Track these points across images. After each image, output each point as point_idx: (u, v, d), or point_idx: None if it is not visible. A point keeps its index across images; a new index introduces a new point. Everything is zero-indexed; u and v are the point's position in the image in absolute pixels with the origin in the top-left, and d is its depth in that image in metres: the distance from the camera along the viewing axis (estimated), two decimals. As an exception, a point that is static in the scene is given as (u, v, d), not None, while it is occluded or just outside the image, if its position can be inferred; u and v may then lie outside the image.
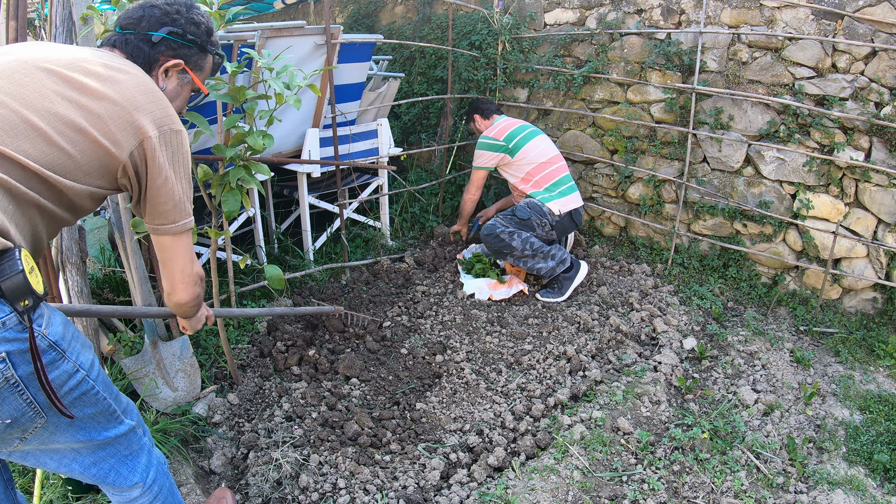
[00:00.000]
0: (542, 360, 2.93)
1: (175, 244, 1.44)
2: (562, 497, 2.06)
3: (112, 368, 2.53)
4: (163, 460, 1.60)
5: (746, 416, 2.55)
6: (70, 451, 1.36)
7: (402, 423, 2.49)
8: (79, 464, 1.39)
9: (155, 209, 1.40)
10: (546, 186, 3.63)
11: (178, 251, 1.45)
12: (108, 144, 1.27)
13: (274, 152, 3.62)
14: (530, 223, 3.53)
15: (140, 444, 1.50)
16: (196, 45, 1.56)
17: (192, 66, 1.57)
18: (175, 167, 1.39)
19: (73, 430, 1.32)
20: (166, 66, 1.51)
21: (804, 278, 3.44)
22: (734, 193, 3.57)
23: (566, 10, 4.18)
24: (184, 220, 1.43)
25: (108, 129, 1.27)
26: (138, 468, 1.49)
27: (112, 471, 1.44)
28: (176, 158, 1.39)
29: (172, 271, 1.47)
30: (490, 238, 3.53)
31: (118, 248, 2.62)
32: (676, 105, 3.68)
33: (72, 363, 1.25)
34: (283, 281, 2.37)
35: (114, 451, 1.43)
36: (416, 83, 5.17)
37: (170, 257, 1.46)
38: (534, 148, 3.70)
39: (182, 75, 1.56)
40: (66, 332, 1.25)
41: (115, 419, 1.41)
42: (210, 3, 2.07)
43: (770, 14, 3.30)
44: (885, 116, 2.97)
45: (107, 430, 1.39)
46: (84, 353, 1.31)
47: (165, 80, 1.53)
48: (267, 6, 6.24)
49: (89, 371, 1.31)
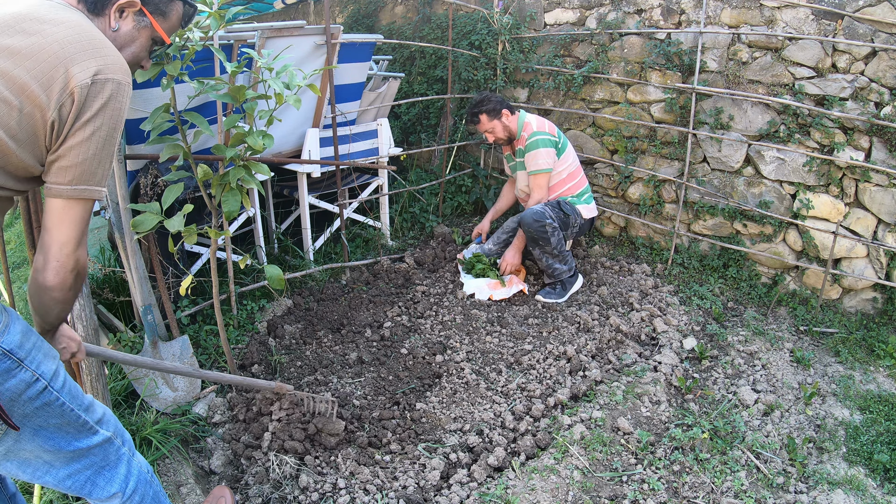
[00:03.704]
0: (542, 360, 2.93)
1: (66, 211, 1.22)
2: (562, 497, 2.06)
3: (112, 368, 2.53)
4: (145, 469, 1.56)
5: (746, 416, 2.55)
6: (42, 462, 1.33)
7: (402, 423, 2.49)
8: (52, 476, 1.35)
9: (58, 162, 1.21)
10: (576, 193, 3.67)
11: (65, 221, 1.22)
12: (29, 109, 1.16)
13: (274, 152, 3.62)
14: (569, 221, 3.55)
15: (118, 454, 1.46)
16: None
17: (151, 8, 1.42)
18: (99, 121, 1.21)
19: (39, 439, 1.28)
20: (120, 4, 1.36)
21: (804, 278, 3.44)
22: (734, 193, 3.57)
23: (566, 10, 4.18)
24: (84, 186, 1.23)
25: (29, 91, 1.15)
26: (116, 479, 1.45)
27: (88, 482, 1.41)
28: (104, 112, 1.22)
29: (49, 242, 1.22)
30: (536, 224, 3.39)
31: (118, 248, 2.62)
32: (676, 105, 3.68)
33: (30, 372, 1.22)
34: (283, 281, 2.37)
35: (89, 463, 1.39)
36: (416, 83, 5.17)
37: (54, 224, 1.22)
38: (571, 152, 3.71)
39: (139, 17, 1.41)
40: (24, 341, 1.22)
41: (87, 430, 1.37)
42: (210, 2, 2.07)
43: (770, 14, 3.30)
44: (885, 116, 2.97)
45: (77, 441, 1.35)
46: (46, 363, 1.26)
47: (119, 20, 1.38)
48: (267, 6, 6.24)
49: (51, 381, 1.27)
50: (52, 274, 1.24)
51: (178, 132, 2.28)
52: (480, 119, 3.66)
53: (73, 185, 1.22)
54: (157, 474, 2.13)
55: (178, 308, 2.98)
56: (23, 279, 3.93)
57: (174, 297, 2.94)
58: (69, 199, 1.22)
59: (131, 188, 2.85)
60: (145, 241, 2.72)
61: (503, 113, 3.64)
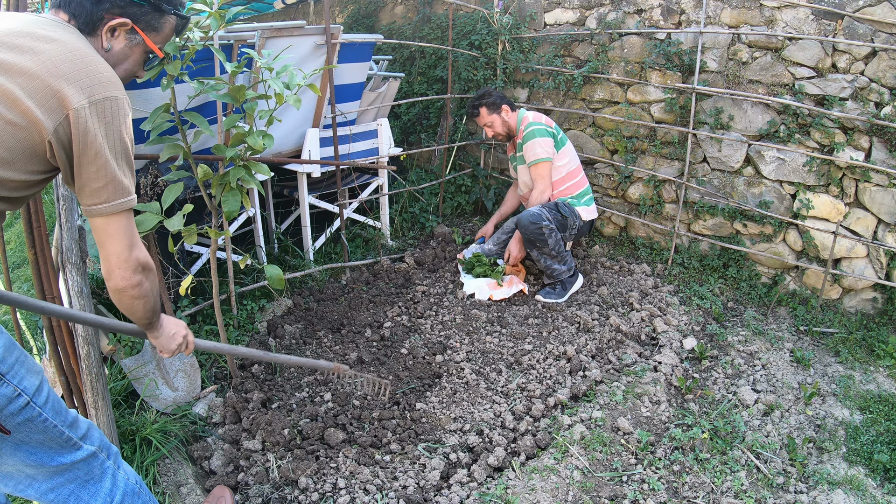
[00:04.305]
0: (542, 360, 2.93)
1: (109, 226, 1.30)
2: (562, 497, 2.06)
3: (112, 368, 2.53)
4: (133, 480, 1.55)
5: (746, 416, 2.55)
6: (24, 476, 1.33)
7: (402, 423, 2.49)
8: (34, 489, 1.36)
9: (87, 187, 1.27)
10: (576, 194, 3.64)
11: (113, 233, 1.31)
12: (24, 123, 1.17)
13: (274, 152, 3.62)
14: (567, 223, 3.53)
15: (103, 468, 1.45)
16: (148, 3, 1.42)
17: (143, 25, 1.43)
18: (109, 139, 1.25)
19: (20, 453, 1.28)
20: (111, 25, 1.37)
21: (804, 278, 3.44)
22: (734, 193, 3.57)
23: (566, 10, 4.18)
24: (119, 199, 1.29)
25: (23, 107, 1.16)
26: (101, 493, 1.44)
27: (72, 496, 1.40)
28: (110, 130, 1.25)
29: (108, 255, 1.32)
30: (532, 227, 3.39)
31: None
32: (676, 105, 3.68)
33: (12, 387, 1.22)
34: (283, 281, 2.37)
35: (72, 477, 1.39)
36: (416, 83, 5.17)
37: (104, 239, 1.31)
38: (570, 150, 3.69)
39: (131, 35, 1.43)
40: (6, 355, 1.22)
41: (71, 446, 1.37)
42: (210, 2, 2.07)
43: (770, 14, 3.30)
44: (885, 116, 2.97)
45: (60, 457, 1.35)
46: (29, 378, 1.26)
47: (111, 39, 1.40)
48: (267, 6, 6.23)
49: (34, 397, 1.27)
50: (120, 279, 1.34)
51: (178, 132, 2.28)
52: (480, 112, 3.69)
53: (108, 203, 1.29)
54: (158, 474, 2.13)
55: (178, 308, 2.98)
56: (23, 279, 3.92)
57: (174, 297, 2.94)
58: (110, 216, 1.30)
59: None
60: (145, 240, 2.72)
61: (503, 108, 3.67)
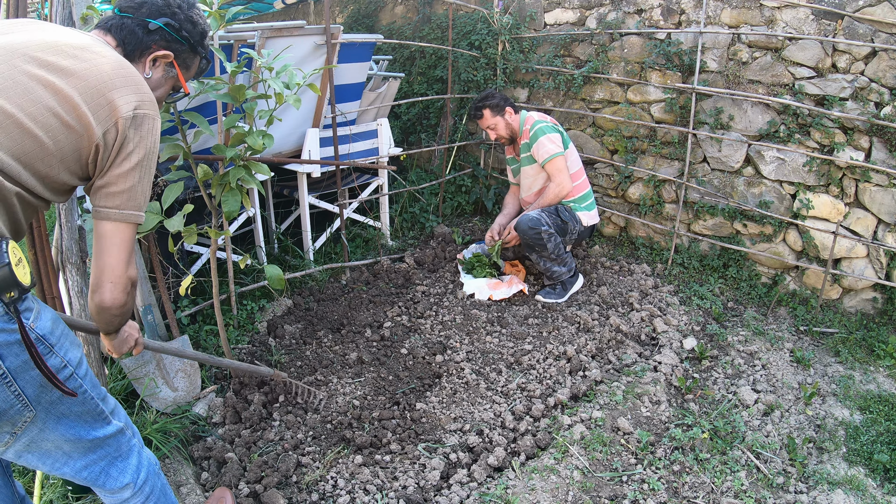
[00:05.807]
0: (542, 360, 2.93)
1: (114, 234, 1.33)
2: (562, 497, 2.06)
3: (112, 368, 2.53)
4: (154, 461, 1.61)
5: (746, 416, 2.55)
6: (61, 453, 1.37)
7: (402, 423, 2.49)
8: (70, 467, 1.40)
9: (105, 189, 1.32)
10: (577, 197, 3.60)
11: (115, 244, 1.33)
12: (78, 127, 1.25)
13: (274, 152, 3.62)
14: (566, 228, 3.52)
15: (129, 445, 1.51)
16: (188, 44, 1.56)
17: (179, 62, 1.57)
18: (141, 152, 1.33)
19: (62, 428, 1.33)
20: (156, 55, 1.50)
21: (804, 278, 3.44)
22: (734, 193, 3.57)
23: (566, 10, 4.18)
24: (131, 210, 1.34)
25: (80, 112, 1.24)
26: (128, 470, 1.50)
27: (103, 473, 1.46)
28: (144, 144, 1.34)
29: (103, 266, 1.33)
30: (531, 232, 3.39)
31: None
32: (676, 105, 3.68)
33: (59, 358, 1.27)
34: (283, 281, 2.37)
35: (104, 454, 1.45)
36: (416, 83, 5.17)
37: (104, 248, 1.33)
38: (573, 151, 3.67)
39: (168, 68, 1.55)
40: (54, 328, 1.28)
41: (103, 419, 1.42)
42: (210, 2, 2.07)
43: (770, 14, 3.30)
44: (885, 116, 2.97)
45: (94, 431, 1.40)
46: (72, 351, 1.32)
47: (152, 68, 1.52)
48: (267, 6, 6.23)
49: (77, 368, 1.32)
50: (108, 294, 1.34)
51: (178, 132, 2.28)
52: (484, 114, 3.65)
53: (120, 209, 1.33)
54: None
55: (177, 308, 2.97)
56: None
57: (174, 297, 2.94)
58: (117, 223, 1.33)
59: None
60: (145, 241, 2.72)
61: (507, 110, 3.64)
